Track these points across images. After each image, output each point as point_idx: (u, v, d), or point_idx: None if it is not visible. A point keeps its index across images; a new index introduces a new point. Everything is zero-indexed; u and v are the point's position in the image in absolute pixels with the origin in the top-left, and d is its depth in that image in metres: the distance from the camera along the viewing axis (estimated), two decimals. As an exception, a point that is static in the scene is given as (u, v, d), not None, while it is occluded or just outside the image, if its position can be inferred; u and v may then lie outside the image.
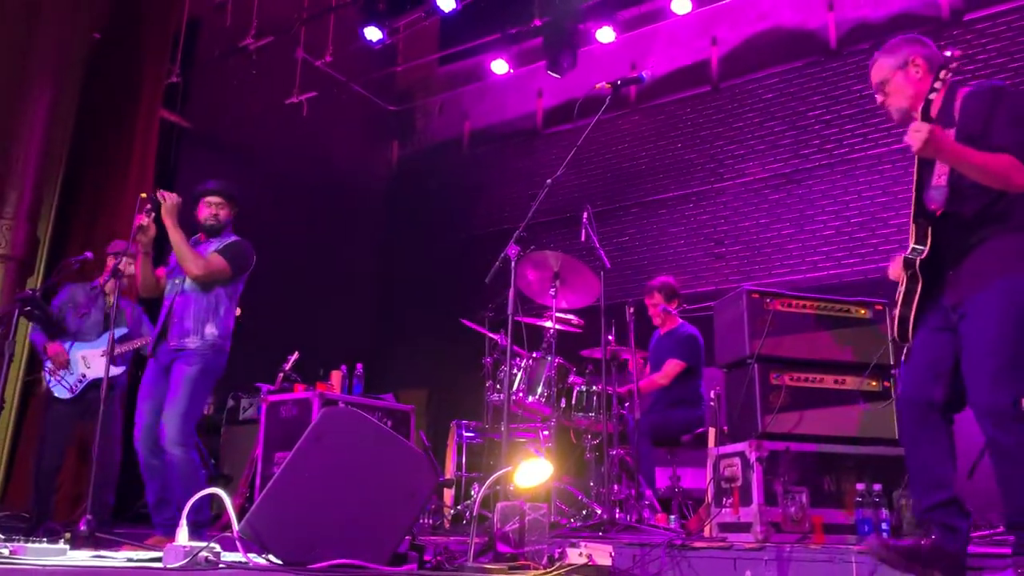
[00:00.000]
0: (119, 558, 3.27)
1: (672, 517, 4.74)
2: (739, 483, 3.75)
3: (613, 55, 8.21)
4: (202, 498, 3.54)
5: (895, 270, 2.80)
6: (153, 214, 4.25)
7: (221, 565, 2.73)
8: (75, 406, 5.23)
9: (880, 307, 4.05)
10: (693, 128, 8.06)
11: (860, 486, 3.56)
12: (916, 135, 2.51)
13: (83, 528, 3.85)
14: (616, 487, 4.64)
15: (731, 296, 4.14)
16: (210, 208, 4.44)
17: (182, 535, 2.80)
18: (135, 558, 3.20)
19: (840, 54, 7.29)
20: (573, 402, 5.05)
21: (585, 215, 4.87)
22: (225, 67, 8.06)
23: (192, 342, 4.22)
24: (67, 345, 5.25)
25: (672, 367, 5.33)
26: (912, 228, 2.69)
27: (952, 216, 2.67)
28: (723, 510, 3.87)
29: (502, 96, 9.35)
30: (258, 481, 5.50)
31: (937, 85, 2.57)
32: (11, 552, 2.90)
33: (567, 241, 7.33)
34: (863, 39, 7.17)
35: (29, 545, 2.95)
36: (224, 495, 2.99)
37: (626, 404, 5.15)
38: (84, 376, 5.22)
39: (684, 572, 3.24)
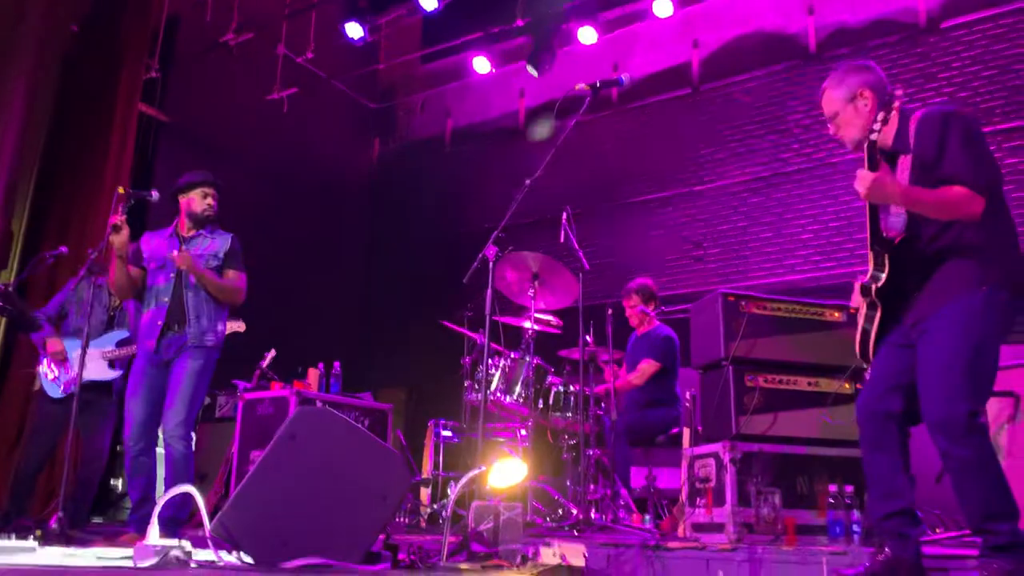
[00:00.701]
0: (89, 556, 3.24)
1: (647, 517, 4.76)
2: (713, 484, 3.78)
3: (595, 56, 8.23)
4: (182, 497, 3.54)
5: (857, 296, 2.84)
6: (124, 216, 4.21)
7: (192, 564, 2.71)
8: (67, 405, 5.07)
9: (853, 311, 4.08)
10: (673, 130, 8.09)
11: (832, 488, 3.60)
12: (860, 185, 2.60)
13: (54, 526, 3.82)
14: (592, 487, 4.65)
15: (707, 299, 4.17)
16: (207, 199, 4.45)
17: (153, 533, 2.78)
18: (105, 556, 3.17)
19: (820, 58, 7.35)
20: (551, 402, 5.06)
21: (564, 216, 4.88)
22: (205, 62, 8.00)
23: (209, 339, 4.31)
24: (67, 341, 5.15)
25: (647, 367, 5.36)
26: (869, 255, 2.74)
27: (910, 241, 2.73)
28: (697, 510, 3.90)
29: (484, 95, 9.35)
30: (234, 479, 5.47)
31: (876, 127, 2.65)
32: (-21, 549, 2.88)
33: (547, 242, 7.32)
34: (842, 44, 7.24)
35: (-3, 543, 2.93)
36: (196, 493, 2.97)
37: (602, 405, 5.17)
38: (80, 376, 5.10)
39: (657, 572, 3.26)
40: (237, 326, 5.29)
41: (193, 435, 4.27)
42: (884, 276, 2.70)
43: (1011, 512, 2.47)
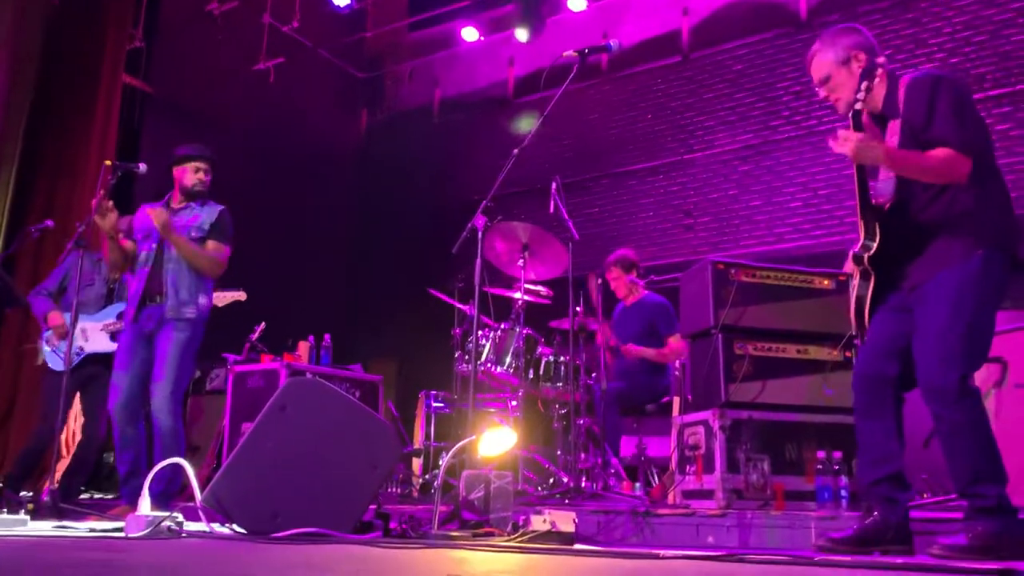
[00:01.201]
0: (81, 528, 3.25)
1: (637, 485, 4.80)
2: (702, 451, 3.80)
3: (584, 24, 8.16)
4: (172, 469, 3.55)
5: (851, 264, 2.84)
6: (110, 201, 4.18)
7: (183, 535, 2.72)
8: (71, 378, 5.05)
9: (843, 278, 4.09)
10: (663, 99, 8.05)
11: (820, 454, 3.62)
12: (844, 146, 2.59)
13: (46, 499, 3.82)
14: (583, 456, 4.67)
15: (696, 267, 4.17)
16: (198, 173, 4.41)
17: (144, 505, 2.79)
18: (97, 528, 3.18)
19: (810, 25, 7.29)
20: (541, 372, 5.07)
21: (554, 186, 4.85)
22: (190, 32, 7.90)
23: (189, 312, 4.25)
24: (67, 315, 5.10)
25: (679, 344, 5.19)
26: (860, 224, 2.74)
27: (902, 207, 2.72)
28: (687, 477, 3.92)
29: (473, 64, 9.26)
30: (225, 451, 5.49)
31: (860, 95, 2.65)
32: (-29, 523, 2.88)
33: (536, 212, 7.30)
34: (833, 10, 7.19)
35: (-11, 516, 2.93)
36: (187, 465, 2.97)
37: (593, 375, 5.19)
38: (81, 349, 5.04)
39: (648, 538, 3.30)
40: (237, 295, 5.26)
41: (181, 409, 4.24)
42: (875, 244, 2.70)
43: (998, 476, 2.50)
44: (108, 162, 4.42)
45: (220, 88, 8.07)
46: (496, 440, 3.28)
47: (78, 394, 5.17)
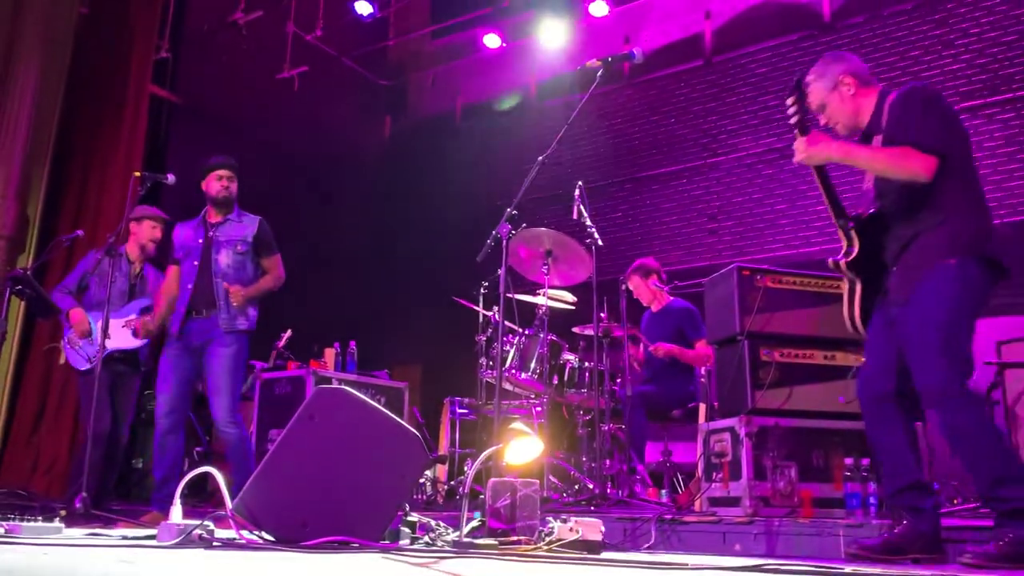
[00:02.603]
0: (114, 536, 3.30)
1: (663, 491, 4.78)
2: (729, 458, 3.79)
3: (606, 28, 8.15)
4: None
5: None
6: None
7: (215, 543, 2.75)
8: (104, 375, 5.07)
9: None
10: (686, 103, 8.02)
11: (848, 461, 3.60)
12: (797, 155, 2.86)
13: (78, 506, 3.87)
14: (608, 462, 4.67)
15: (722, 273, 4.15)
16: (222, 181, 4.51)
17: (175, 513, 2.82)
18: (130, 536, 3.22)
19: (834, 28, 7.25)
20: (565, 378, 5.07)
21: (577, 191, 4.86)
22: (215, 42, 7.99)
23: (242, 324, 4.39)
24: (90, 314, 5.16)
25: (706, 347, 5.17)
26: (839, 232, 2.83)
27: (882, 216, 2.84)
28: (713, 485, 3.91)
29: (495, 70, 9.28)
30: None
31: (791, 109, 2.90)
32: (6, 531, 2.93)
33: (560, 217, 7.30)
34: (857, 12, 7.13)
35: (24, 524, 2.97)
36: (217, 473, 3.00)
37: (618, 380, 5.18)
38: (104, 347, 5.10)
39: (674, 546, 3.29)
40: None
41: (242, 416, 4.40)
42: (854, 251, 2.81)
43: (1019, 477, 2.48)
44: (137, 173, 4.52)
45: (245, 97, 8.15)
46: (523, 449, 3.29)
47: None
